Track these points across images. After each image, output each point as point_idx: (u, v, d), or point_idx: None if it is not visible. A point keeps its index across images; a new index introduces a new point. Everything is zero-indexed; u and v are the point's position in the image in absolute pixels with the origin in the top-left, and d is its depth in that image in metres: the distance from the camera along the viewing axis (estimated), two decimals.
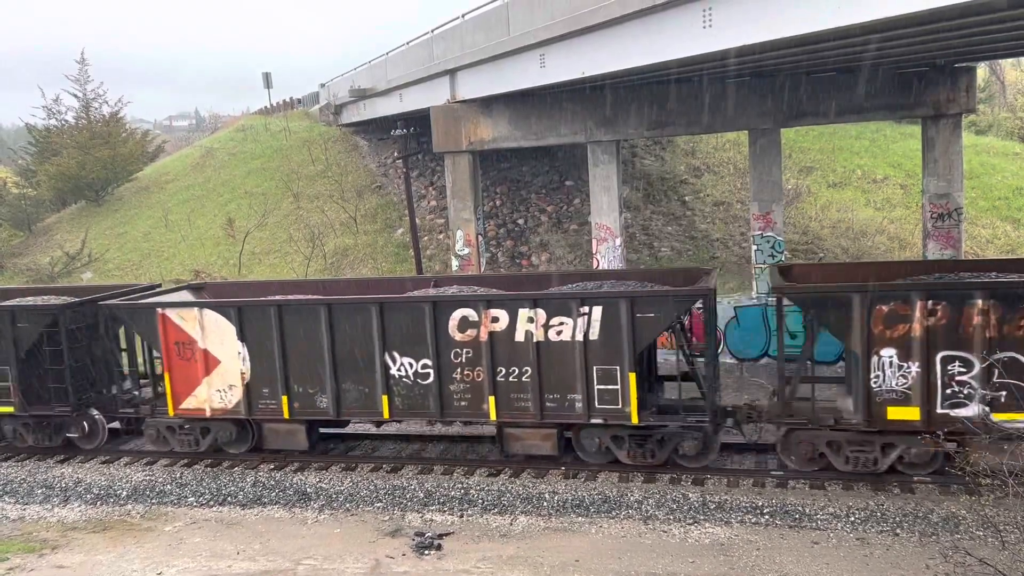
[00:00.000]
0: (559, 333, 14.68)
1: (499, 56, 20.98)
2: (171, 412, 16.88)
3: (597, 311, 14.41)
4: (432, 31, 25.81)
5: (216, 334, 16.32)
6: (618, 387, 14.52)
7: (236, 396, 16.44)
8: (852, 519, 13.19)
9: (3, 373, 17.67)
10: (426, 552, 13.22)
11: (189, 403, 16.73)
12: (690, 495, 14.20)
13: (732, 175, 32.54)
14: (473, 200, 24.24)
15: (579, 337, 14.56)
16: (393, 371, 15.53)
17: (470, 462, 16.29)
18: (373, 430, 17.91)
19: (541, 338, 14.73)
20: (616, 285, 15.86)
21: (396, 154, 32.31)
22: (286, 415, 16.25)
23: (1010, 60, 44.40)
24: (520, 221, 30.88)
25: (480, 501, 14.73)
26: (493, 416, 15.22)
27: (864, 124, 34.67)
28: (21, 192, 42.11)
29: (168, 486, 16.28)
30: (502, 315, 14.91)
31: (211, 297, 18.21)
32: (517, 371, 14.99)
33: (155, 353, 17.47)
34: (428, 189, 33.77)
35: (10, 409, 17.83)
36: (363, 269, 30.12)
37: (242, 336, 16.19)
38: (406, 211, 28.83)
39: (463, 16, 23.09)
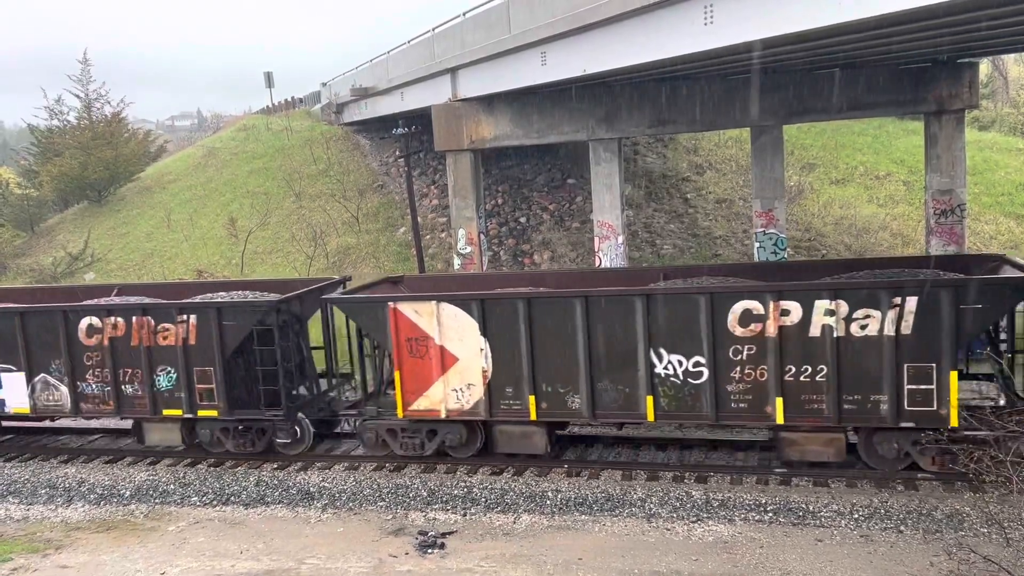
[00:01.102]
0: (864, 327, 13.21)
1: (500, 54, 20.96)
2: (400, 413, 15.63)
3: (912, 302, 12.94)
4: (433, 29, 25.79)
5: (455, 329, 15.06)
6: (933, 387, 13.10)
7: (475, 396, 15.18)
8: (856, 516, 13.16)
9: (207, 374, 16.39)
10: (429, 551, 13.21)
11: (421, 404, 15.47)
12: (693, 493, 14.18)
13: (734, 172, 32.50)
14: (475, 199, 24.23)
15: (889, 331, 13.07)
16: (659, 369, 14.19)
17: (472, 460, 16.25)
18: (604, 432, 16.70)
19: (842, 333, 13.30)
20: (915, 273, 14.44)
21: (398, 153, 32.32)
22: (533, 416, 14.96)
23: (1013, 55, 44.23)
24: (522, 219, 30.86)
25: (483, 500, 14.72)
26: (780, 419, 13.79)
27: (867, 120, 34.61)
28: (24, 193, 42.17)
29: (171, 486, 16.29)
30: (794, 307, 13.48)
31: (409, 291, 17.20)
32: (811, 369, 13.52)
33: (364, 352, 16.48)
34: (430, 188, 33.77)
35: (214, 413, 16.51)
36: (365, 268, 30.12)
37: (485, 331, 14.91)
38: (408, 210, 28.83)
39: (464, 14, 23.08)
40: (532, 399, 14.90)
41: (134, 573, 13.08)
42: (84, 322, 16.84)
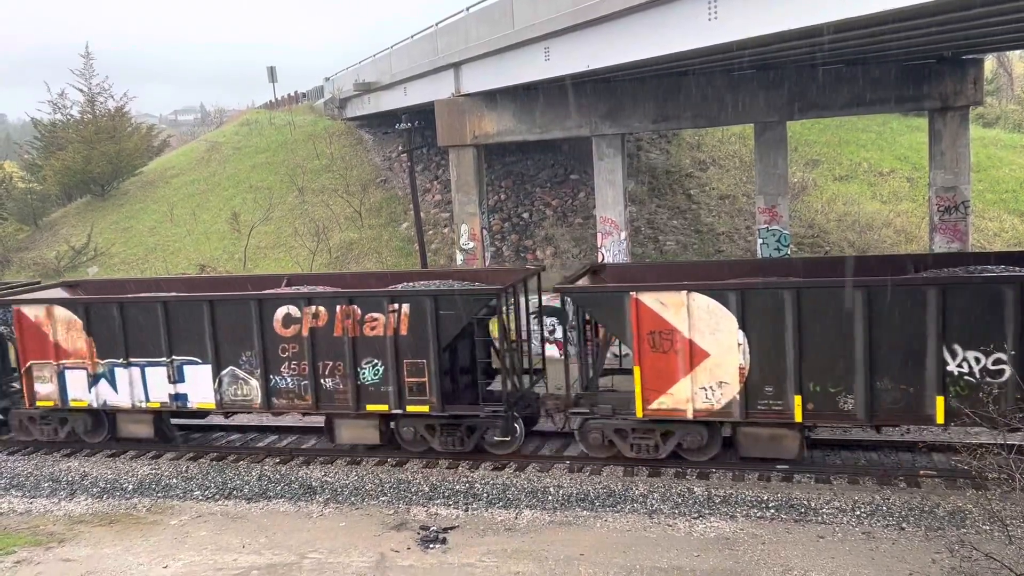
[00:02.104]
0: None
1: (503, 49, 20.91)
2: (639, 413, 14.51)
3: None
4: (436, 24, 25.74)
5: (707, 322, 13.97)
6: None
7: (728, 395, 14.05)
8: (858, 513, 13.15)
9: (418, 367, 15.30)
10: (431, 546, 13.23)
11: (663, 402, 14.37)
12: (695, 489, 14.17)
13: (738, 168, 32.44)
14: (478, 194, 24.21)
15: None
16: (951, 367, 13.01)
17: (474, 456, 16.24)
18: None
19: None
20: None
21: (401, 148, 32.28)
22: (798, 418, 13.79)
23: (1018, 52, 44.07)
24: (525, 215, 30.83)
25: (485, 495, 14.73)
26: None
27: (870, 117, 34.52)
28: (27, 187, 42.18)
29: (174, 480, 16.32)
30: None
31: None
32: None
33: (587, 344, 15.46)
34: (433, 183, 33.74)
35: (424, 408, 15.44)
36: (368, 263, 30.13)
37: (744, 325, 13.81)
38: (411, 205, 28.81)
39: (467, 9, 23.02)
40: (798, 399, 13.70)
41: (136, 566, 13.12)
42: (280, 311, 15.86)
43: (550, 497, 14.47)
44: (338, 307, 15.56)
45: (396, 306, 15.31)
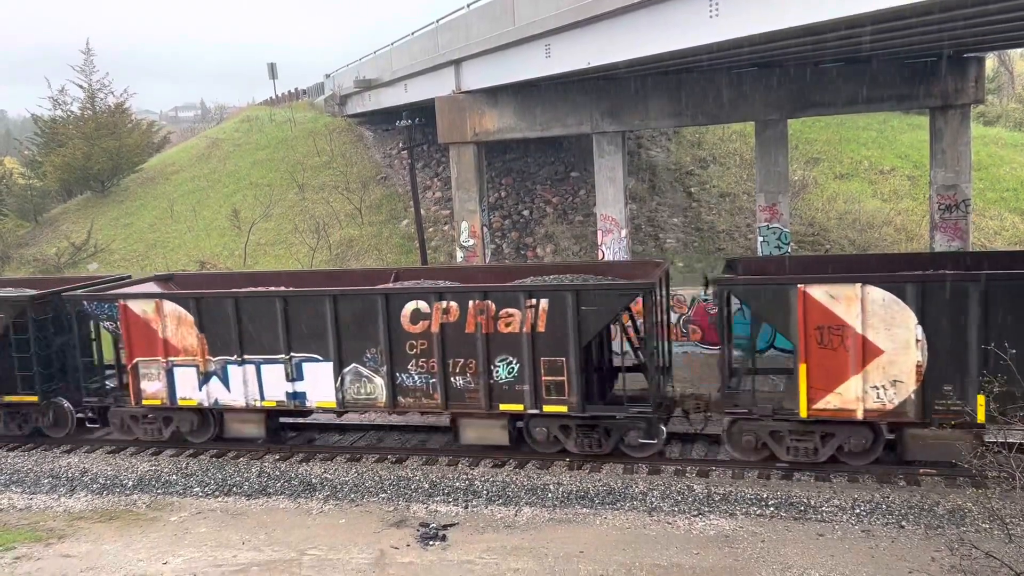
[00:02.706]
0: None
1: (504, 46, 20.89)
2: (803, 413, 13.86)
3: None
4: (437, 21, 25.72)
5: (881, 317, 13.27)
6: None
7: (902, 394, 13.40)
8: (857, 511, 13.16)
9: (556, 365, 14.68)
10: (431, 543, 13.24)
11: (830, 402, 13.69)
12: (695, 487, 14.18)
13: (738, 166, 32.41)
14: (478, 191, 24.19)
15: None
16: None
17: (474, 453, 16.26)
18: None
19: None
20: None
21: (401, 145, 32.26)
22: (981, 418, 13.17)
23: (1019, 51, 44.03)
24: (525, 212, 30.81)
25: (485, 492, 14.74)
26: None
27: (871, 115, 34.47)
28: (27, 183, 42.15)
29: (174, 476, 16.33)
30: None
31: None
32: None
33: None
34: (433, 180, 33.72)
35: (562, 408, 14.83)
36: (368, 260, 30.12)
37: (923, 320, 13.09)
38: (411, 202, 28.79)
39: (468, 6, 22.99)
40: (981, 399, 12.96)
41: (136, 563, 13.12)
42: (409, 307, 15.24)
43: (550, 494, 14.47)
44: (471, 302, 14.94)
45: (534, 301, 14.69)
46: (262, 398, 16.40)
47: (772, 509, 13.47)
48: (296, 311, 15.81)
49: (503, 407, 15.18)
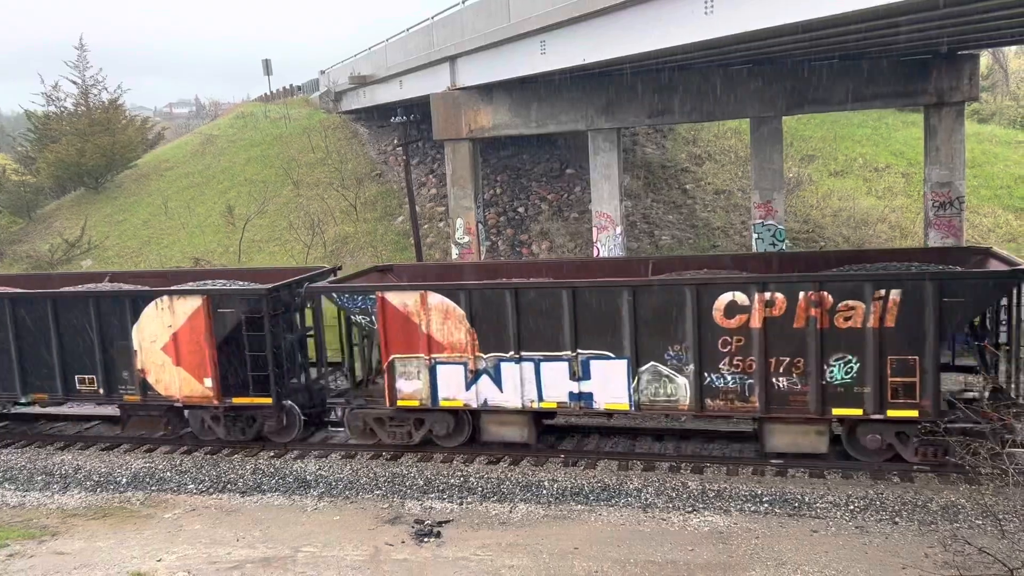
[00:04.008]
0: None
1: (499, 43, 20.85)
2: None
3: None
4: (432, 17, 25.67)
5: None
6: None
7: None
8: (851, 507, 13.19)
9: (907, 365, 13.13)
10: (425, 539, 13.23)
11: None
12: (689, 483, 14.20)
13: (733, 163, 32.43)
14: (473, 188, 24.16)
15: None
16: None
17: (470, 450, 16.26)
18: None
19: None
20: None
21: (396, 141, 32.20)
22: None
23: (1013, 48, 44.14)
24: (520, 209, 30.79)
25: (479, 489, 14.74)
26: None
27: (866, 112, 34.51)
28: (20, 179, 41.99)
29: (168, 473, 16.29)
30: None
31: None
32: None
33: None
34: (428, 177, 33.68)
35: (911, 413, 13.52)
36: (363, 257, 30.06)
37: None
38: (406, 199, 28.76)
39: (463, 2, 22.95)
40: None
41: (130, 560, 13.09)
42: (723, 299, 13.79)
43: (544, 491, 14.48)
44: (801, 294, 13.45)
45: (883, 292, 13.10)
46: (540, 399, 14.99)
47: (766, 505, 13.49)
48: (586, 304, 14.38)
49: (836, 411, 13.64)
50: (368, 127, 39.25)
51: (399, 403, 15.62)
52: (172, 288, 17.13)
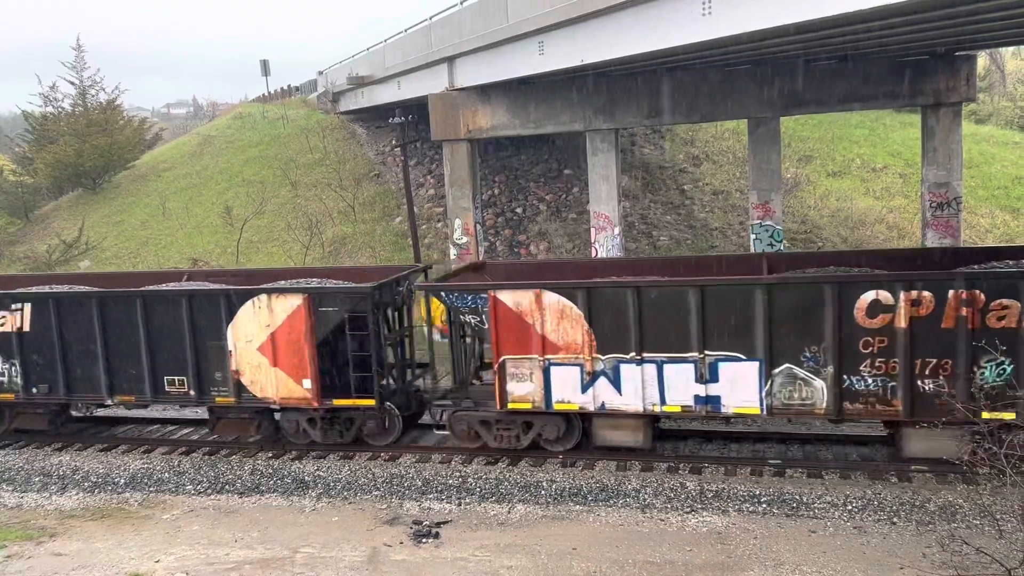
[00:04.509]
0: None
1: (497, 43, 20.87)
2: None
3: None
4: (430, 18, 25.68)
5: None
6: None
7: None
8: (849, 508, 13.20)
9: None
10: (424, 540, 13.23)
11: None
12: (688, 484, 14.20)
13: (731, 164, 32.46)
14: (471, 189, 24.17)
15: None
16: None
17: (467, 450, 16.24)
18: None
19: None
20: None
21: (394, 142, 32.18)
22: None
23: (1010, 49, 44.25)
24: (519, 210, 30.80)
25: (478, 489, 14.73)
26: None
27: (864, 113, 34.58)
28: (18, 180, 41.94)
29: (166, 474, 16.28)
30: None
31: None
32: None
33: None
34: (426, 177, 33.68)
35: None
36: (361, 258, 30.06)
37: None
38: (404, 199, 28.76)
39: (461, 2, 22.97)
40: None
41: (128, 561, 13.07)
42: (866, 297, 13.09)
43: (543, 491, 14.48)
44: (951, 292, 12.80)
45: None
46: (663, 402, 14.34)
47: (764, 506, 13.50)
48: (715, 303, 13.77)
49: (987, 415, 12.66)
50: (366, 128, 39.24)
51: (510, 405, 15.05)
52: (271, 286, 16.40)
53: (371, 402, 15.84)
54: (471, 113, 23.70)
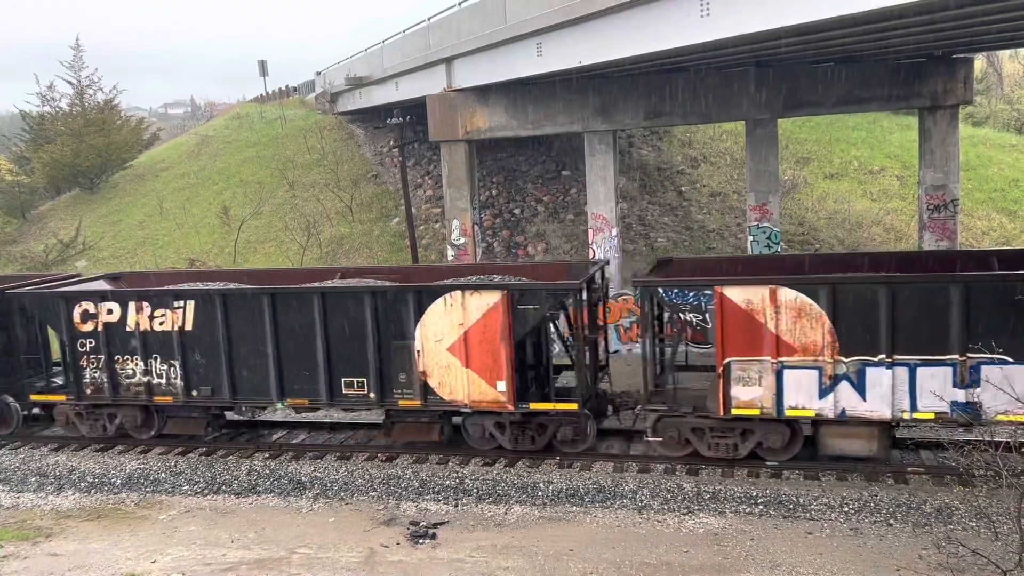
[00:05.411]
0: None
1: (496, 44, 20.87)
2: None
3: None
4: (429, 19, 25.68)
5: None
6: None
7: None
8: (846, 509, 13.21)
9: None
10: (421, 541, 13.23)
11: None
12: (684, 485, 14.21)
13: (729, 166, 32.49)
14: (469, 189, 24.17)
15: None
16: None
17: (464, 451, 16.25)
18: None
19: None
20: None
21: (392, 143, 32.21)
22: None
23: (1008, 51, 44.29)
24: (516, 211, 30.80)
25: (475, 491, 14.73)
26: None
27: (861, 115, 34.63)
28: (15, 179, 41.90)
29: (163, 474, 16.25)
30: None
31: None
32: None
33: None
34: (424, 178, 33.67)
35: None
36: (359, 259, 30.04)
37: None
38: (402, 200, 28.75)
39: (459, 4, 22.96)
40: None
41: (124, 561, 13.06)
42: None
43: (540, 493, 14.48)
44: None
45: None
46: (913, 409, 13.35)
47: (761, 507, 13.51)
48: (980, 300, 12.76)
49: None
50: (364, 128, 39.23)
51: (734, 411, 14.10)
52: (464, 282, 15.57)
53: (573, 406, 14.96)
54: (469, 114, 23.70)
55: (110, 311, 16.66)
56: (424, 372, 15.34)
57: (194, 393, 16.56)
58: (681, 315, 14.41)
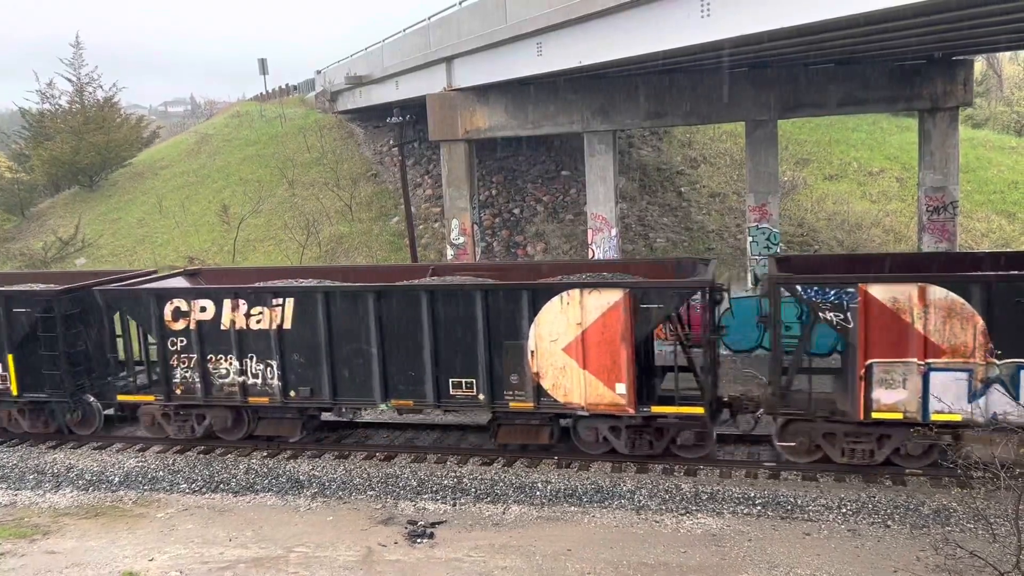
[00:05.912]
0: None
1: (496, 44, 20.88)
2: None
3: None
4: (429, 18, 25.70)
5: None
6: None
7: None
8: (844, 511, 13.22)
9: None
10: (418, 540, 13.22)
11: None
12: (683, 486, 14.21)
13: (728, 166, 32.50)
14: (469, 189, 24.18)
15: None
16: None
17: (463, 451, 16.25)
18: None
19: None
20: None
21: (392, 142, 32.20)
22: None
23: (1007, 54, 44.36)
24: (516, 211, 30.81)
25: (473, 490, 14.73)
26: None
27: (861, 116, 34.66)
28: (15, 176, 41.87)
29: (160, 472, 16.25)
30: None
31: None
32: None
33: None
34: (424, 178, 33.67)
35: None
36: (358, 257, 30.04)
37: None
38: (402, 199, 28.76)
39: (460, 3, 22.97)
40: None
41: (122, 559, 13.05)
42: None
43: (538, 492, 14.48)
44: None
45: None
46: None
47: (759, 508, 13.51)
48: None
49: None
50: (364, 127, 39.23)
51: (874, 415, 13.50)
52: (583, 280, 15.01)
53: (700, 410, 14.38)
54: (469, 113, 23.71)
55: (203, 308, 16.05)
56: (538, 373, 14.74)
57: (292, 394, 15.99)
58: (821, 314, 13.67)
